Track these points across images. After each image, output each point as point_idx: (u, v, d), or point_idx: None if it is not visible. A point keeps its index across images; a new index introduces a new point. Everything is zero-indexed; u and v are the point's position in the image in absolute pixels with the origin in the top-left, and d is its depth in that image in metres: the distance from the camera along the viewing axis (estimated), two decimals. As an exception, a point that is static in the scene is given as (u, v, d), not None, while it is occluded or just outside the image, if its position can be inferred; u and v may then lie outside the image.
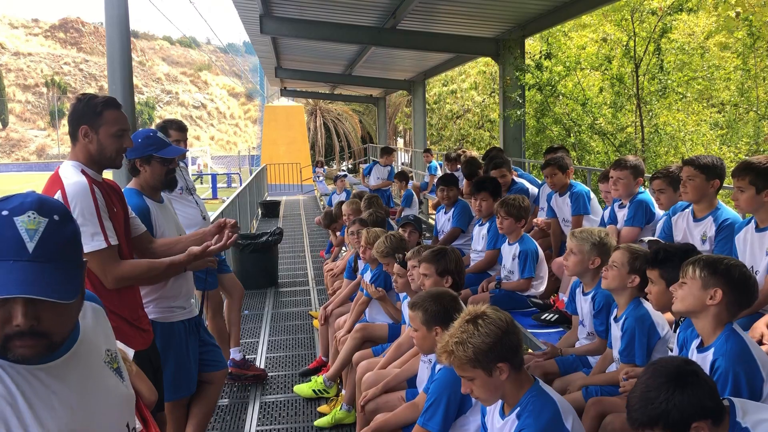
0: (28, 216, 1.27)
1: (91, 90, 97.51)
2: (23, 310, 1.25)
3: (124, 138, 2.82)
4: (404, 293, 4.26)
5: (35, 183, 46.50)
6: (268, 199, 18.95)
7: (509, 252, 5.05)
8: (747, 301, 2.43)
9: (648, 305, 3.10)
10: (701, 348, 2.47)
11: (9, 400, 1.29)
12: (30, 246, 1.25)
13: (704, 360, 2.42)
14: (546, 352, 3.68)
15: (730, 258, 2.55)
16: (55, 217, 1.31)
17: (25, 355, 1.29)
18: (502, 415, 2.41)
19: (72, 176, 2.68)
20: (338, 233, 7.94)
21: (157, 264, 2.91)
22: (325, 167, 30.38)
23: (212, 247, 2.96)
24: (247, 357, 5.62)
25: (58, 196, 2.63)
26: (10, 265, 1.23)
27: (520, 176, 7.14)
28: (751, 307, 2.52)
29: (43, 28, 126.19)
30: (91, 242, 2.62)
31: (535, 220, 5.97)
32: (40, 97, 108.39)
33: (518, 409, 2.34)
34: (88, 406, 1.40)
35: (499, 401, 2.44)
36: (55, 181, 2.70)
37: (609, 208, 5.14)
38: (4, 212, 1.27)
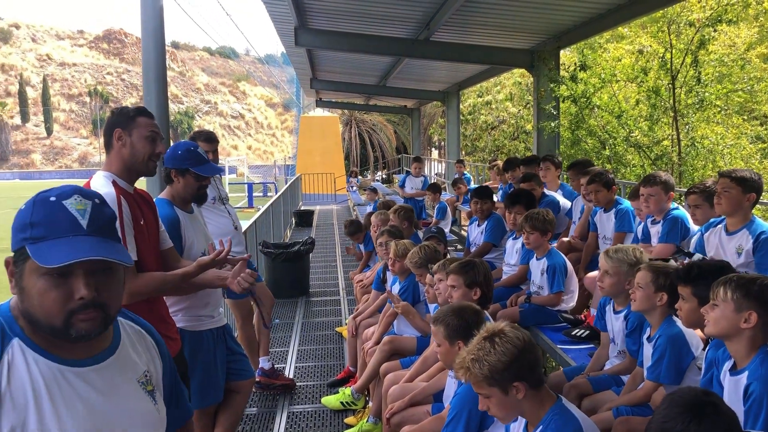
0: (75, 199, 1.40)
1: (132, 99, 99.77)
2: (85, 281, 1.36)
3: (157, 143, 2.87)
4: (435, 304, 4.25)
5: (77, 190, 47.65)
6: (302, 208, 19.08)
7: (537, 267, 4.99)
8: None
9: (681, 323, 3.03)
10: (734, 371, 2.41)
11: (34, 394, 1.34)
12: (83, 223, 1.38)
13: (737, 383, 2.36)
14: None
15: (764, 277, 2.47)
16: (96, 200, 1.44)
17: (87, 329, 1.37)
18: None
19: (102, 187, 2.73)
20: (361, 245, 7.95)
21: (171, 276, 2.93)
22: (359, 177, 30.48)
23: (221, 256, 2.95)
24: (276, 366, 5.65)
25: None
26: (71, 239, 1.35)
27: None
28: None
29: (87, 39, 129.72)
30: None
31: (563, 238, 5.87)
32: (83, 106, 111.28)
33: (541, 427, 2.31)
34: (110, 417, 1.43)
35: (523, 420, 2.41)
36: None
37: (642, 224, 5.05)
38: (52, 198, 1.39)
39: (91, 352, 1.43)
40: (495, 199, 6.99)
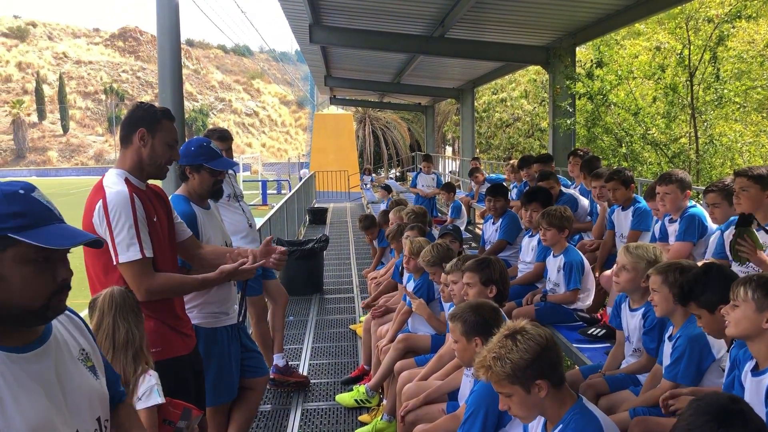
0: (37, 192, 1.46)
1: (147, 97, 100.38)
2: (65, 264, 1.47)
3: (174, 150, 2.88)
4: (450, 303, 4.23)
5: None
6: (315, 206, 19.12)
7: (554, 264, 4.95)
8: None
9: None
10: (756, 371, 2.36)
11: None
12: (56, 212, 1.47)
13: (759, 384, 2.31)
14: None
15: None
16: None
17: (61, 308, 1.49)
18: None
19: (114, 185, 2.74)
20: (375, 241, 7.95)
21: (190, 280, 2.95)
22: (373, 175, 30.49)
23: (245, 267, 2.96)
24: (290, 363, 5.66)
25: (99, 205, 2.70)
26: (58, 226, 1.44)
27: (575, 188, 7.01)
28: None
29: (103, 37, 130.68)
30: (127, 252, 2.68)
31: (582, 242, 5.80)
32: (99, 104, 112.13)
33: (561, 426, 2.28)
34: (65, 396, 1.49)
35: (542, 418, 2.39)
36: (98, 190, 2.77)
37: (660, 222, 5.00)
38: (21, 191, 1.43)
39: (30, 338, 1.47)
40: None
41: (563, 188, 6.71)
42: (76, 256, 1.65)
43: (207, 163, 3.45)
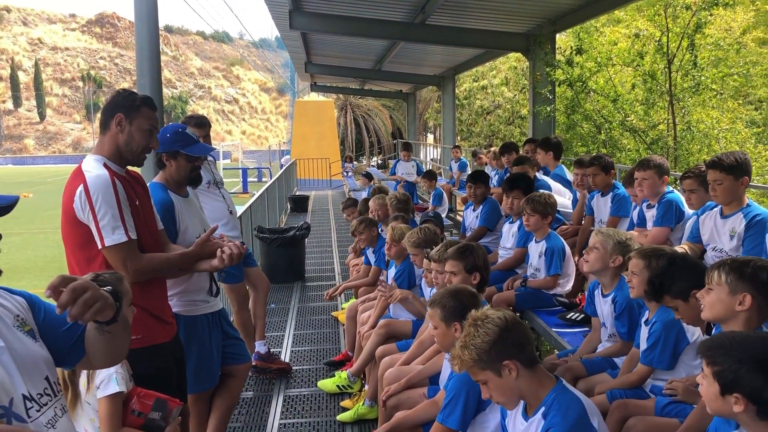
0: None
1: (126, 84, 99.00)
2: None
3: (153, 137, 2.85)
4: (431, 288, 4.26)
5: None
6: (297, 193, 19.06)
7: (536, 249, 5.00)
8: None
9: None
10: None
11: None
12: None
13: None
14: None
15: (757, 259, 2.48)
16: None
17: None
18: (525, 416, 2.38)
19: (94, 170, 2.71)
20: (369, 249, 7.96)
21: (172, 256, 2.95)
22: (355, 163, 30.43)
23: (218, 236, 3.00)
24: (272, 350, 5.67)
25: (80, 190, 2.67)
26: None
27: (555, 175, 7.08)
28: None
29: (80, 23, 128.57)
30: (112, 236, 2.66)
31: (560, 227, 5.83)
32: (77, 91, 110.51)
33: (543, 408, 2.31)
34: (15, 363, 1.53)
35: (521, 402, 2.42)
36: (78, 175, 2.74)
37: (638, 208, 5.06)
38: None
39: None
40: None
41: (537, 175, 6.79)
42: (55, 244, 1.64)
43: (183, 149, 3.41)
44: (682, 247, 4.10)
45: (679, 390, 2.85)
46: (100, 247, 2.67)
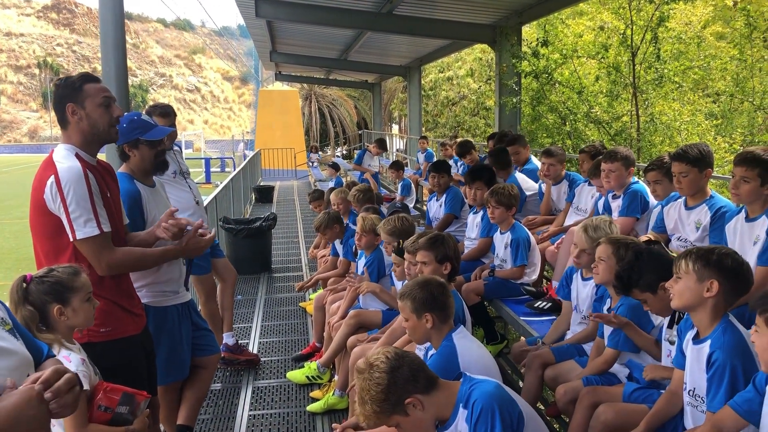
0: None
1: (85, 71, 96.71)
2: None
3: (112, 107, 2.76)
4: (403, 280, 4.26)
5: (27, 165, 46.12)
6: (261, 184, 18.88)
7: (501, 241, 5.05)
8: (743, 287, 2.43)
9: None
10: (697, 340, 2.47)
11: None
12: None
13: (700, 352, 2.42)
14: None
15: (721, 247, 2.55)
16: None
17: None
18: (449, 425, 2.40)
19: (66, 161, 2.64)
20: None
21: (150, 252, 2.90)
22: (320, 153, 30.28)
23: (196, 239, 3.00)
24: (239, 342, 5.62)
25: (51, 181, 2.60)
26: None
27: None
28: (748, 293, 2.52)
29: (35, 9, 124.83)
30: (84, 228, 2.61)
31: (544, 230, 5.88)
32: (33, 79, 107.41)
33: (461, 409, 2.34)
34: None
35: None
36: (49, 166, 2.66)
37: (603, 198, 5.14)
38: None
39: None
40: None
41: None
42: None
43: (143, 135, 3.35)
44: (648, 236, 4.19)
45: (651, 373, 2.92)
46: (71, 239, 2.62)
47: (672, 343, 2.91)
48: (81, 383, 1.53)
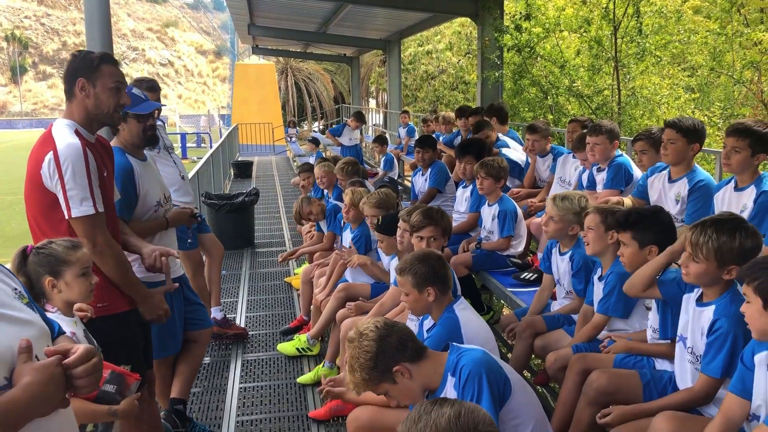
0: None
1: (54, 45, 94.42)
2: None
3: (121, 93, 2.75)
4: (391, 255, 4.30)
5: (-2, 141, 45.20)
6: (239, 159, 18.72)
7: (489, 213, 5.10)
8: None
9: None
10: (700, 302, 2.57)
11: None
12: None
13: (702, 315, 2.53)
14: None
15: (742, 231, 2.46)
16: None
17: None
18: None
19: (65, 137, 2.61)
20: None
21: (131, 272, 2.87)
22: (297, 128, 30.03)
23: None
24: (227, 316, 5.63)
25: (49, 157, 2.56)
26: None
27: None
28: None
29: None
30: (80, 207, 2.59)
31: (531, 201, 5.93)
32: (0, 52, 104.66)
33: (450, 377, 2.38)
34: (20, 334, 1.44)
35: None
36: (47, 141, 2.63)
37: (587, 171, 5.21)
38: None
39: None
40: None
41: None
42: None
43: (131, 109, 3.31)
44: (625, 200, 4.29)
45: (613, 350, 3.02)
46: (66, 216, 2.60)
47: (648, 308, 3.01)
48: (101, 354, 1.53)
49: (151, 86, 4.62)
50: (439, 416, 1.55)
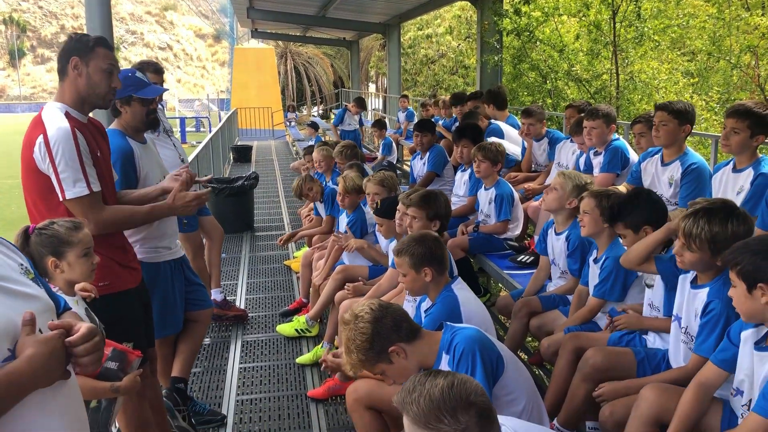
0: None
1: (52, 29, 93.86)
2: None
3: (114, 76, 2.78)
4: (390, 238, 4.35)
5: (-4, 125, 45.11)
6: (239, 143, 18.71)
7: (485, 196, 5.15)
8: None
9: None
10: (695, 285, 2.62)
11: None
12: None
13: (696, 296, 2.58)
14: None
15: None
16: None
17: None
18: None
19: (55, 121, 2.64)
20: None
21: (138, 210, 2.91)
22: (297, 112, 29.99)
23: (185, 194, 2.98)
24: (227, 298, 5.70)
25: (39, 140, 2.60)
26: None
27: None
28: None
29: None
30: (73, 188, 2.62)
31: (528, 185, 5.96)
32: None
33: (444, 354, 2.43)
34: (24, 307, 1.46)
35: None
36: (37, 125, 2.67)
37: (584, 155, 5.25)
38: None
39: None
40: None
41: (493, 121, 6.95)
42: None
43: (136, 93, 3.34)
44: (620, 188, 4.33)
45: (623, 321, 3.07)
46: (61, 199, 2.64)
47: (649, 286, 3.06)
48: (103, 333, 1.57)
49: (156, 69, 4.70)
50: (433, 386, 1.61)
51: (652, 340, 3.01)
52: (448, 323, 2.55)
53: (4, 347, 1.38)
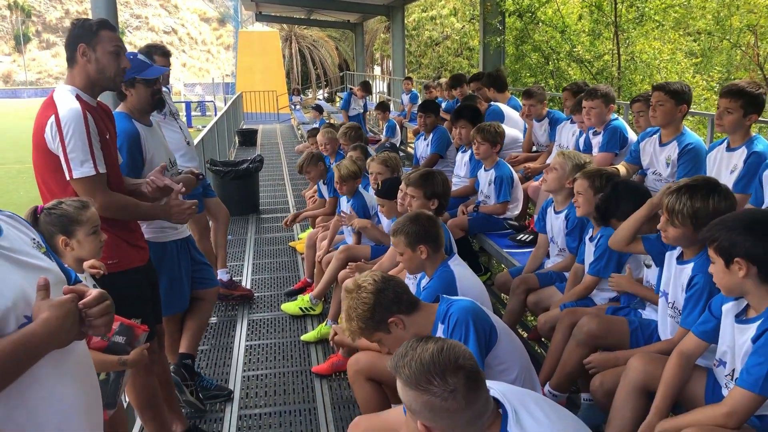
0: None
1: (56, 13, 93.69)
2: None
3: (121, 57, 2.86)
4: (393, 218, 4.44)
5: (2, 111, 45.22)
6: (244, 127, 18.78)
7: (485, 177, 5.22)
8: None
9: None
10: (681, 260, 2.70)
11: None
12: None
13: (682, 272, 2.66)
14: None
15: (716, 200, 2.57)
16: None
17: None
18: None
19: (66, 102, 2.72)
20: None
21: (142, 205, 3.00)
22: (302, 96, 29.98)
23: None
24: (233, 278, 5.81)
25: (51, 120, 2.69)
26: None
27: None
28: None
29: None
30: (80, 168, 2.70)
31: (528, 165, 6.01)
32: (3, 21, 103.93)
33: (439, 324, 2.53)
34: (33, 281, 1.53)
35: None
36: (49, 106, 2.75)
37: (584, 135, 5.31)
38: None
39: None
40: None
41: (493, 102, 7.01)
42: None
43: (139, 74, 3.41)
44: (618, 167, 4.40)
45: (617, 282, 3.16)
46: (68, 178, 2.73)
47: (648, 266, 3.14)
48: (111, 298, 1.66)
49: (164, 52, 4.78)
50: (424, 351, 1.71)
51: (648, 312, 3.09)
52: (444, 296, 2.64)
53: (21, 315, 1.47)
